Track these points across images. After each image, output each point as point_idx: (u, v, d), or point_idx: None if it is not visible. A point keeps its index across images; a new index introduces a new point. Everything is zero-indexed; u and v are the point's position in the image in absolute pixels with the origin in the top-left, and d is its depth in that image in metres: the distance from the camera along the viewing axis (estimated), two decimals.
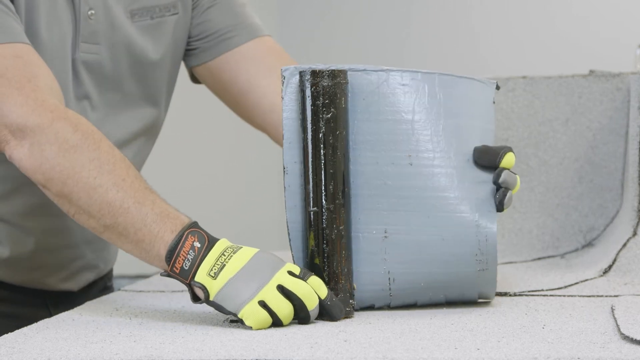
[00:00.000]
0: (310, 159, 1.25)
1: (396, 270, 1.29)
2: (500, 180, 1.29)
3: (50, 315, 1.47)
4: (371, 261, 1.28)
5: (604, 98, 1.87)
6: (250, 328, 1.19)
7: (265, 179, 4.63)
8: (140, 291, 1.58)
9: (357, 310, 1.29)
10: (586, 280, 1.55)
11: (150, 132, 1.57)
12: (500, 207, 1.29)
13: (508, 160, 1.29)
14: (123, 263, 1.79)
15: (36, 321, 1.29)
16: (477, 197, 1.29)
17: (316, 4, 4.55)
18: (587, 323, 1.18)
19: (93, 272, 1.60)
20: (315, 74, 1.25)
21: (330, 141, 1.25)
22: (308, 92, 1.25)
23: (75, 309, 1.41)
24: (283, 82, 1.27)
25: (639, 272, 1.57)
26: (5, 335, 1.19)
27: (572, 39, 4.14)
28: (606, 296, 1.41)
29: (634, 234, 1.64)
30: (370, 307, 1.31)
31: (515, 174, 1.31)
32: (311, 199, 1.25)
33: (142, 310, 1.36)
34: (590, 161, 1.87)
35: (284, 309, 1.19)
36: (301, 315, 1.21)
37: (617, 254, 1.61)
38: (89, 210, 1.24)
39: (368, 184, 1.27)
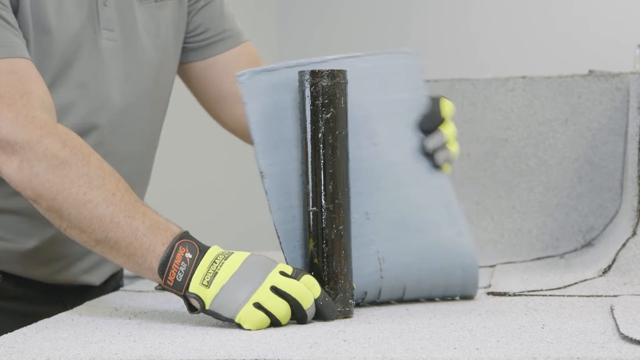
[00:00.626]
0: (309, 159, 1.25)
1: (384, 248, 1.32)
2: (430, 147, 1.36)
3: (66, 308, 1.47)
4: (360, 245, 1.30)
5: (603, 98, 1.87)
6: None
7: None
8: (140, 291, 1.58)
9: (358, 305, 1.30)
10: (585, 280, 1.55)
11: (161, 123, 1.60)
12: (440, 167, 1.37)
13: (447, 107, 1.37)
14: None
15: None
16: (429, 168, 1.37)
17: (315, 4, 4.55)
18: (586, 323, 1.18)
19: (110, 264, 1.60)
20: (314, 74, 1.25)
21: (330, 141, 1.25)
22: (307, 92, 1.25)
23: (74, 308, 1.41)
24: (242, 88, 1.28)
25: (639, 272, 1.57)
26: (5, 335, 1.19)
27: (572, 39, 4.14)
28: (605, 296, 1.41)
29: (634, 233, 1.64)
30: (362, 299, 1.32)
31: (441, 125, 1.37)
32: (310, 199, 1.25)
33: (142, 310, 1.36)
34: (589, 161, 1.87)
35: (281, 308, 1.19)
36: (298, 315, 1.21)
37: (617, 254, 1.61)
38: (80, 225, 1.25)
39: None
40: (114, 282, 1.66)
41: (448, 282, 1.37)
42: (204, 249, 1.23)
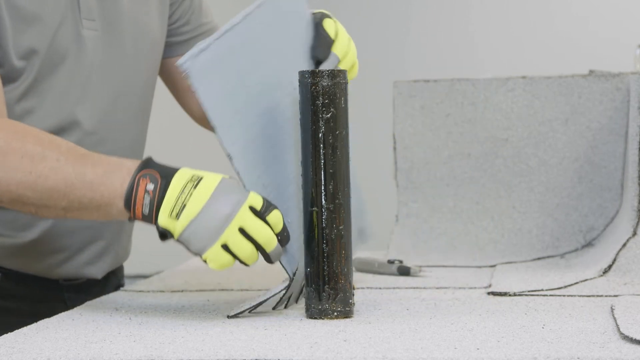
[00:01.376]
0: (309, 159, 1.25)
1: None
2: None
3: (67, 309, 1.47)
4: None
5: (603, 98, 1.86)
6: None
7: None
8: (140, 291, 1.58)
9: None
10: (586, 280, 1.55)
11: (147, 114, 1.61)
12: None
13: (330, 27, 1.39)
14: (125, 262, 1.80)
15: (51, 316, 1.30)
16: None
17: (315, 4, 4.54)
18: (586, 323, 1.18)
19: (111, 257, 1.60)
20: (314, 73, 1.25)
21: (330, 141, 1.25)
22: (307, 92, 1.25)
23: (75, 308, 1.40)
24: (188, 75, 1.24)
25: (639, 272, 1.57)
26: (5, 335, 1.19)
27: (572, 39, 4.14)
28: (606, 296, 1.41)
29: (634, 233, 1.64)
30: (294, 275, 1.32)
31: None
32: (310, 199, 1.25)
33: (142, 310, 1.36)
34: (590, 161, 1.87)
35: (246, 250, 1.21)
36: (263, 255, 1.23)
37: (617, 254, 1.61)
38: (43, 202, 1.26)
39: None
40: (114, 280, 1.66)
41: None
42: (166, 176, 1.23)
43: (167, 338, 1.15)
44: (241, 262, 1.22)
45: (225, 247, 1.21)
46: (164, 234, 1.23)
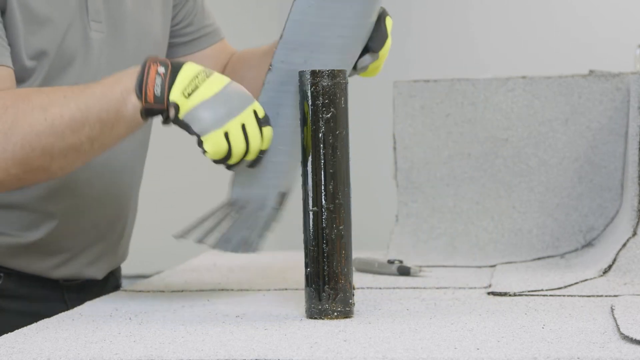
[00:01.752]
0: (310, 159, 1.25)
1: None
2: (361, 67, 1.40)
3: (67, 309, 1.47)
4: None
5: (603, 98, 1.86)
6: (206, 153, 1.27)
7: None
8: (140, 291, 1.58)
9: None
10: (586, 280, 1.55)
11: None
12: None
13: (389, 23, 1.41)
14: (123, 263, 1.80)
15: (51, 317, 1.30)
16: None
17: None
18: (586, 323, 1.18)
19: (112, 258, 1.60)
20: (314, 74, 1.25)
21: (330, 141, 1.25)
22: (308, 92, 1.25)
23: (75, 308, 1.40)
24: None
25: (639, 272, 1.57)
26: (5, 335, 1.19)
27: (572, 39, 4.14)
28: (606, 296, 1.41)
29: (634, 234, 1.64)
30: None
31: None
32: (311, 199, 1.25)
33: (142, 310, 1.36)
34: (590, 161, 1.87)
35: (241, 145, 1.26)
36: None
37: (617, 254, 1.61)
38: (67, 142, 1.27)
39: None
40: (113, 281, 1.66)
41: None
42: (176, 63, 1.27)
43: (167, 338, 1.15)
44: (229, 157, 1.26)
45: (226, 136, 1.25)
46: (167, 117, 1.26)
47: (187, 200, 3.83)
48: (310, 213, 1.25)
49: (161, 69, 1.25)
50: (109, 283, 1.64)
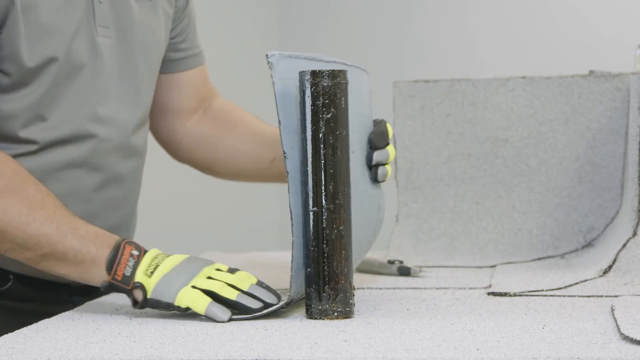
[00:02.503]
0: (310, 159, 1.25)
1: None
2: (375, 161, 1.40)
3: None
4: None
5: (603, 98, 1.86)
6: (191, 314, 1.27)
7: None
8: None
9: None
10: (586, 280, 1.55)
11: (147, 117, 1.63)
12: (378, 181, 1.41)
13: (390, 131, 1.43)
14: None
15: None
16: (372, 181, 1.41)
17: (316, 4, 4.55)
18: (587, 323, 1.18)
19: None
20: (315, 74, 1.25)
21: (330, 141, 1.25)
22: (308, 92, 1.25)
23: (75, 309, 1.41)
24: (271, 68, 1.28)
25: (639, 273, 1.57)
26: (5, 336, 1.19)
27: (572, 39, 4.14)
28: (606, 296, 1.41)
29: (634, 234, 1.64)
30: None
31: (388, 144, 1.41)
32: (311, 199, 1.25)
33: (142, 311, 1.36)
34: (590, 161, 1.87)
35: (216, 283, 1.28)
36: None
37: (617, 254, 1.61)
38: (25, 244, 1.32)
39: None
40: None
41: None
42: (145, 250, 1.33)
43: (167, 338, 1.15)
44: (213, 295, 1.27)
45: (194, 288, 1.28)
46: (136, 302, 1.30)
47: (187, 201, 3.83)
48: (311, 213, 1.25)
49: (135, 252, 1.32)
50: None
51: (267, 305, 1.27)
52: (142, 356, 1.05)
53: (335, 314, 1.25)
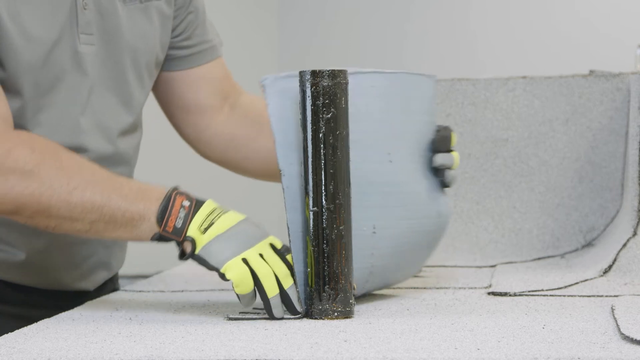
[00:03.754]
0: (310, 159, 1.25)
1: (380, 262, 1.35)
2: (439, 163, 1.40)
3: None
4: (359, 257, 1.30)
5: (604, 98, 1.87)
6: (232, 288, 1.26)
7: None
8: (140, 291, 1.58)
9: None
10: (586, 280, 1.55)
11: (139, 123, 1.60)
12: (446, 186, 1.43)
13: (455, 138, 1.43)
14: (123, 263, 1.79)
15: None
16: (433, 188, 1.41)
17: (316, 5, 4.55)
18: (587, 323, 1.18)
19: (106, 270, 1.59)
20: (315, 74, 1.25)
21: (331, 141, 1.25)
22: (308, 92, 1.25)
23: (75, 308, 1.40)
24: (265, 91, 1.30)
25: (639, 272, 1.57)
26: (5, 335, 1.19)
27: (573, 39, 4.14)
28: (606, 296, 1.41)
29: (634, 234, 1.64)
30: None
31: (452, 151, 1.42)
32: (311, 199, 1.25)
33: (142, 310, 1.36)
34: (590, 161, 1.87)
35: (264, 267, 1.25)
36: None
37: (617, 254, 1.61)
38: (72, 215, 1.28)
39: (355, 182, 1.29)
40: (110, 285, 1.64)
41: None
42: (199, 200, 1.29)
43: (167, 338, 1.15)
44: (255, 280, 1.25)
45: (245, 262, 1.25)
46: (183, 252, 1.27)
47: None
48: (311, 213, 1.25)
49: (186, 202, 1.28)
50: (106, 288, 1.63)
51: (289, 313, 1.27)
52: (142, 356, 1.05)
53: (336, 313, 1.25)
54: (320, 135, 1.25)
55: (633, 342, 1.04)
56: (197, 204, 1.28)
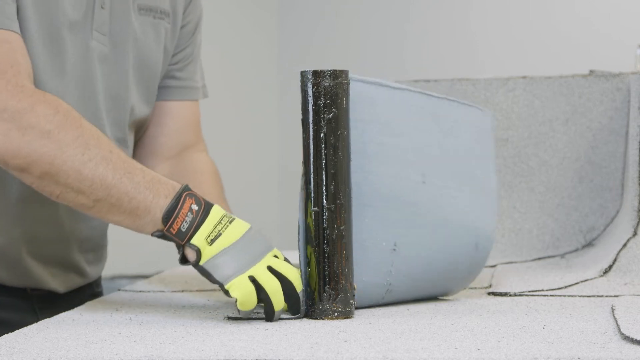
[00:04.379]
0: (311, 159, 1.25)
1: (398, 281, 1.33)
2: None
3: (37, 319, 1.43)
4: (376, 272, 1.30)
5: (604, 98, 1.87)
6: (235, 301, 1.23)
7: (265, 180, 4.62)
8: (140, 291, 1.58)
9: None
10: (586, 280, 1.55)
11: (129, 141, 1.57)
12: None
13: None
14: (123, 263, 1.79)
15: (23, 326, 1.26)
16: (478, 220, 1.39)
17: (316, 5, 4.55)
18: (587, 323, 1.18)
19: (79, 275, 1.56)
20: (316, 74, 1.25)
21: (332, 141, 1.25)
22: (309, 92, 1.25)
23: (75, 309, 1.40)
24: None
25: (639, 272, 1.57)
26: (6, 335, 1.19)
27: (573, 39, 4.15)
28: (606, 296, 1.41)
29: (634, 234, 1.64)
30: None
31: None
32: (312, 199, 1.25)
33: (142, 310, 1.36)
34: (590, 161, 1.87)
35: (273, 283, 1.24)
36: (290, 300, 1.25)
37: (617, 254, 1.61)
38: (79, 186, 1.25)
39: (381, 196, 1.29)
40: (87, 291, 1.61)
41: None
42: (208, 205, 1.26)
43: (167, 338, 1.15)
44: (265, 297, 1.23)
45: (252, 279, 1.24)
46: (184, 258, 1.26)
47: None
48: (312, 213, 1.25)
49: (195, 206, 1.25)
50: (85, 293, 1.60)
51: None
52: (142, 356, 1.05)
53: (336, 314, 1.25)
54: (322, 135, 1.25)
55: (633, 342, 1.04)
56: (205, 210, 1.26)
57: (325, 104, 1.25)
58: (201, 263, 1.24)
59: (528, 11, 4.27)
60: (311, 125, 1.25)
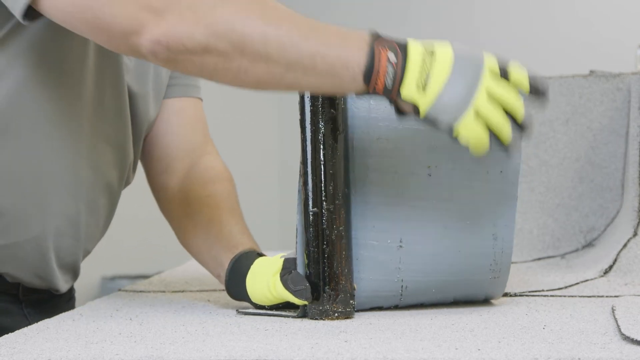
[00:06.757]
0: (309, 160, 1.25)
1: (410, 278, 1.30)
2: None
3: (28, 322, 1.42)
4: (384, 269, 1.29)
5: (604, 98, 1.87)
6: None
7: (265, 179, 4.62)
8: (140, 291, 1.58)
9: (367, 310, 1.30)
10: (587, 280, 1.55)
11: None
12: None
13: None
14: (123, 263, 1.79)
15: (13, 330, 1.25)
16: (495, 208, 1.30)
17: (316, 5, 4.55)
18: (587, 323, 1.18)
19: (74, 277, 1.53)
20: None
21: (330, 142, 1.25)
22: (307, 93, 1.25)
23: (75, 309, 1.40)
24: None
25: (639, 273, 1.57)
26: (6, 336, 1.19)
27: (573, 40, 4.15)
28: (607, 296, 1.41)
29: (635, 234, 1.64)
30: (379, 308, 1.32)
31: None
32: (310, 199, 1.25)
33: (143, 311, 1.36)
34: (590, 161, 1.87)
35: (497, 115, 1.13)
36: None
37: (618, 254, 1.61)
38: (267, 51, 1.13)
39: (384, 192, 1.27)
40: (67, 294, 1.59)
41: (469, 300, 1.37)
42: (403, 47, 1.14)
43: (167, 338, 1.15)
44: (493, 132, 1.13)
45: (477, 114, 1.13)
46: (399, 109, 1.17)
47: None
48: (311, 214, 1.25)
49: (391, 56, 1.12)
50: (70, 296, 1.59)
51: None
52: (142, 356, 1.05)
53: (336, 314, 1.25)
54: (320, 135, 1.25)
55: (633, 343, 1.04)
56: (403, 55, 1.12)
57: (324, 104, 1.24)
58: (422, 116, 1.14)
59: (528, 11, 4.28)
60: (309, 126, 1.25)
